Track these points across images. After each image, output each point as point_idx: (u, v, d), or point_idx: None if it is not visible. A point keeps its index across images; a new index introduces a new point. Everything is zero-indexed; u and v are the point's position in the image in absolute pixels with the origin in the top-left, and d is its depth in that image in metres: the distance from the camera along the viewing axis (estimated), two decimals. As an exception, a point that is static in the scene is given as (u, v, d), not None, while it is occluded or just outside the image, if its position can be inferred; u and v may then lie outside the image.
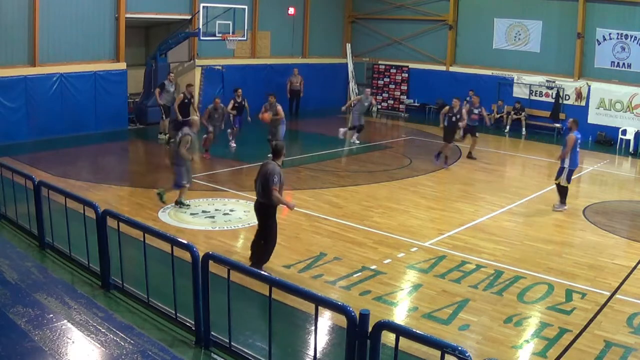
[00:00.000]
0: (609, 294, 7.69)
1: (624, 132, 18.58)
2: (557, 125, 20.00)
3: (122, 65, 17.60)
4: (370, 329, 4.50)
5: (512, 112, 20.54)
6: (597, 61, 19.29)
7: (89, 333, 5.41)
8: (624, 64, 18.77)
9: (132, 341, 5.34)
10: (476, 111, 15.68)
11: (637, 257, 9.04)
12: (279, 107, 14.39)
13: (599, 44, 19.12)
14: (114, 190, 11.80)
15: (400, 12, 23.58)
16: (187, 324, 6.04)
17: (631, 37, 18.44)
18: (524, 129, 20.11)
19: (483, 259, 8.76)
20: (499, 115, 21.01)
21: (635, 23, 18.28)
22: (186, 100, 15.30)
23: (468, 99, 21.42)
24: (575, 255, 9.09)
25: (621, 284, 8.04)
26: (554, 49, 20.13)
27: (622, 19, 18.51)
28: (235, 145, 15.92)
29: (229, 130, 15.72)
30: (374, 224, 10.24)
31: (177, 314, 6.15)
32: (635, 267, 8.65)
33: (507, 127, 20.60)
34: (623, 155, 17.90)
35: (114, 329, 5.52)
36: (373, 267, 8.34)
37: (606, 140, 18.89)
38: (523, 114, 20.39)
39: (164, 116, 16.50)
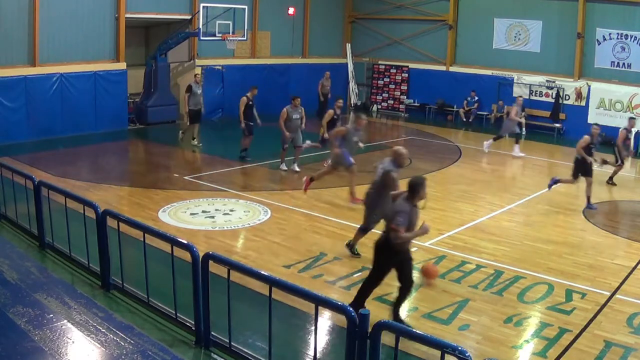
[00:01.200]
0: (609, 294, 7.68)
1: (624, 132, 18.56)
2: (557, 125, 20.01)
3: (122, 65, 17.61)
4: (370, 329, 4.51)
5: (512, 112, 20.51)
6: (597, 61, 19.28)
7: (89, 333, 5.41)
8: (624, 64, 18.76)
9: (132, 341, 5.34)
10: (630, 135, 14.56)
11: (637, 257, 9.04)
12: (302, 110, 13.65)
13: (599, 44, 19.12)
14: (114, 190, 11.80)
15: (400, 12, 23.56)
16: (187, 324, 6.04)
17: (631, 37, 18.43)
18: (524, 129, 20.10)
19: (483, 259, 8.75)
20: (499, 115, 21.01)
21: (635, 23, 18.27)
22: (250, 103, 14.14)
23: (469, 98, 21.58)
24: (575, 255, 9.09)
25: (621, 284, 8.04)
26: (554, 49, 20.12)
27: (622, 19, 18.50)
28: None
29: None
30: (374, 224, 10.22)
31: (177, 314, 6.15)
32: (635, 267, 8.64)
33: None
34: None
35: (114, 329, 5.52)
36: (373, 267, 8.33)
37: (606, 140, 18.84)
38: (523, 114, 20.33)
39: (192, 121, 15.75)
